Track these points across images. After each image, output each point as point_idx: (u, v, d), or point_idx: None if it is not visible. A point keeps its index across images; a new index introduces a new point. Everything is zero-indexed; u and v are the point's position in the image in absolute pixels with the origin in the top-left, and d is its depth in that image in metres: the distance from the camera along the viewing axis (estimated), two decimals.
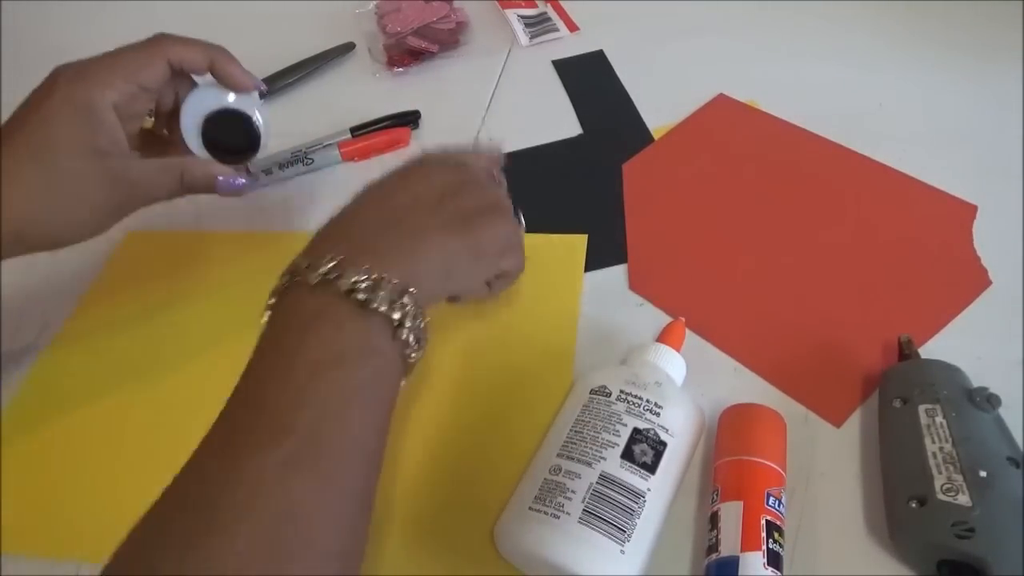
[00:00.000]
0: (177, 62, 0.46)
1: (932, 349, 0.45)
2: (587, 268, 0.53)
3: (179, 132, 0.49)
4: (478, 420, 0.45)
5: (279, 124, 0.69)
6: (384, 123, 0.65)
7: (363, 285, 0.33)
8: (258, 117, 0.50)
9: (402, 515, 0.42)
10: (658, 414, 0.39)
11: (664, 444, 0.38)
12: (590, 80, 0.69)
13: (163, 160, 0.47)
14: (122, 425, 0.48)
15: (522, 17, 0.77)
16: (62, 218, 0.43)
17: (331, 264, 0.34)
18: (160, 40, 0.47)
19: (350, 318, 0.33)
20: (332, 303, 0.33)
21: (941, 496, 0.35)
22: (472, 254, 0.39)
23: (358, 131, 0.65)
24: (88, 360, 0.51)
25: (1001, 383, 0.40)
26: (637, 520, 0.36)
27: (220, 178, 0.48)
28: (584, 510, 0.35)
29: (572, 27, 0.75)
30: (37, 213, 0.42)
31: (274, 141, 0.66)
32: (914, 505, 0.36)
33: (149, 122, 0.50)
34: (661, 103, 0.65)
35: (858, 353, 0.46)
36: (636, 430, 0.38)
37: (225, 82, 0.48)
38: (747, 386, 0.45)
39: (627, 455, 0.37)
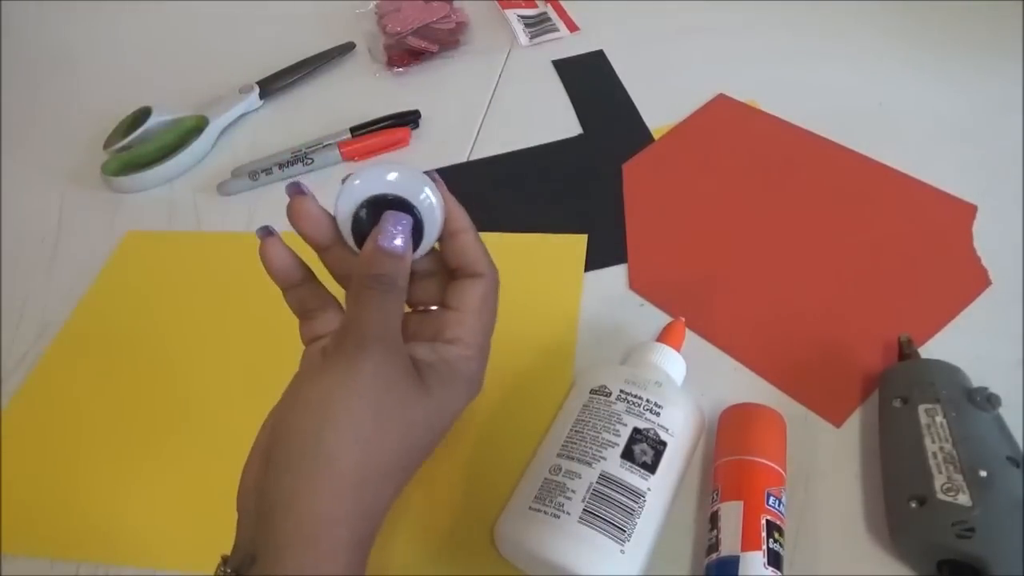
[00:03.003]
0: None
1: (932, 349, 0.45)
2: (587, 268, 0.53)
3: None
4: (478, 419, 0.45)
5: (279, 124, 0.70)
6: (384, 123, 0.65)
7: None
8: (429, 200, 0.34)
9: (402, 515, 0.42)
10: (658, 414, 0.39)
11: (664, 444, 0.38)
12: (590, 80, 0.69)
13: None
14: (122, 425, 0.48)
15: (522, 17, 0.77)
16: None
17: None
18: None
19: None
20: None
21: (941, 496, 0.35)
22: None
23: (358, 131, 0.65)
24: (88, 360, 0.51)
25: (1001, 383, 0.40)
26: (637, 520, 0.36)
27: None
28: (584, 510, 0.35)
29: (572, 27, 0.75)
30: None
31: (274, 141, 0.66)
32: (914, 505, 0.36)
33: None
34: (661, 103, 0.65)
35: (858, 353, 0.46)
36: (636, 430, 0.38)
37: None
38: (747, 386, 0.45)
39: (627, 455, 0.37)
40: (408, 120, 0.66)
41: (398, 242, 0.33)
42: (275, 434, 0.31)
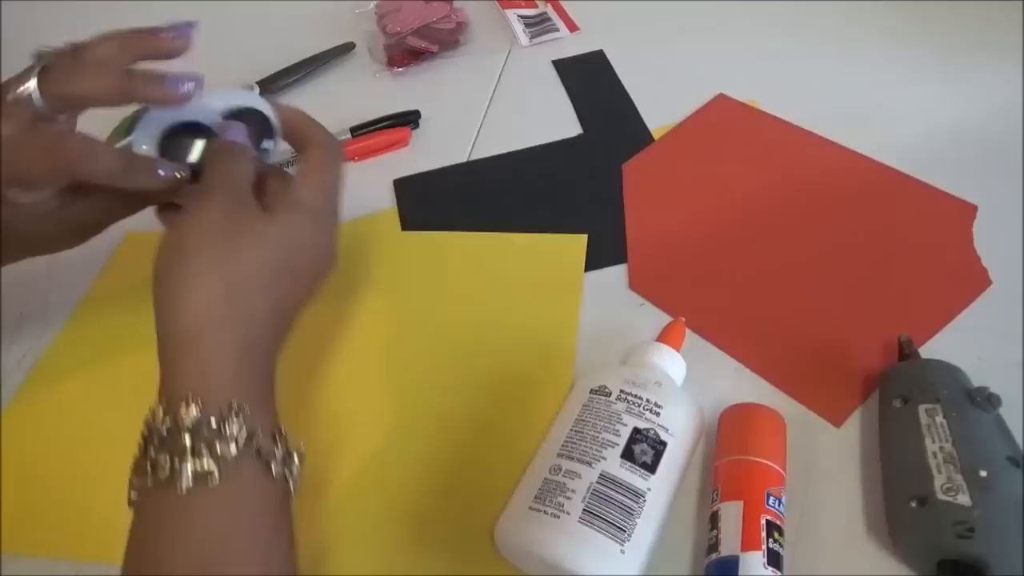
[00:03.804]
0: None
1: (932, 349, 0.45)
2: (587, 268, 0.53)
3: None
4: (478, 420, 0.45)
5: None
6: (384, 123, 0.65)
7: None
8: (269, 109, 0.44)
9: (402, 515, 0.42)
10: (658, 414, 0.39)
11: (664, 444, 0.38)
12: (590, 80, 0.69)
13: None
14: (122, 425, 0.48)
15: (522, 17, 0.77)
16: None
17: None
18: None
19: None
20: None
21: (941, 496, 0.35)
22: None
23: (358, 131, 0.65)
24: (88, 360, 0.51)
25: (1001, 383, 0.40)
26: (637, 520, 0.36)
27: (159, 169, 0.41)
28: (584, 510, 0.35)
29: (572, 27, 0.75)
30: None
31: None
32: (914, 505, 0.36)
33: None
34: (661, 103, 0.65)
35: (858, 353, 0.46)
36: (636, 430, 0.38)
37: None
38: (747, 386, 0.45)
39: (627, 455, 0.37)
40: (408, 120, 0.66)
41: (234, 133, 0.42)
42: (153, 281, 0.36)
